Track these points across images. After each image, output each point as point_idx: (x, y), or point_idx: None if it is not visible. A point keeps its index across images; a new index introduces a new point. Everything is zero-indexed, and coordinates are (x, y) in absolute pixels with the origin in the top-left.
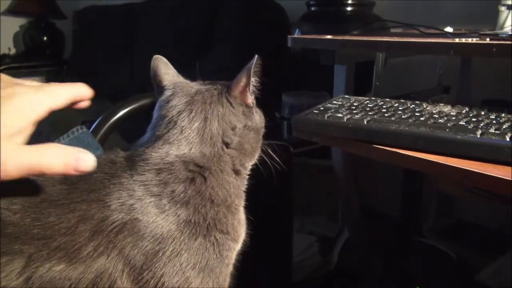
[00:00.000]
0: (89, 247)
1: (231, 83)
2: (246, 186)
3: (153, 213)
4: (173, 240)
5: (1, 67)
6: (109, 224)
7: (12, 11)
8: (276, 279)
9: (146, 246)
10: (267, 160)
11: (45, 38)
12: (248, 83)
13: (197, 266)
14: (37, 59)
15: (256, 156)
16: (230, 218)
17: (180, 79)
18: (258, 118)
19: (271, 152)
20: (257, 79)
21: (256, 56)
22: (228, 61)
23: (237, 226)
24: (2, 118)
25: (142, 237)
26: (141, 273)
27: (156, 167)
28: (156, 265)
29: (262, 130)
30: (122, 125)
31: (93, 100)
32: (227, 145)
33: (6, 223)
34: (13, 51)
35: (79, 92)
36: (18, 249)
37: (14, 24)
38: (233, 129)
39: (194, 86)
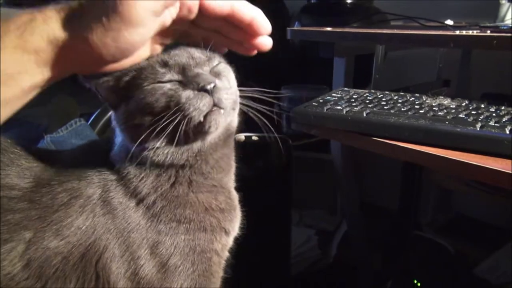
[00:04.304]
0: (80, 220)
1: None
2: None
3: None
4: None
5: None
6: (94, 199)
7: (13, 1)
8: (275, 272)
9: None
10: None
11: None
12: None
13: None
14: None
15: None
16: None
17: None
18: None
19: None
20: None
21: None
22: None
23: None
24: None
25: (114, 216)
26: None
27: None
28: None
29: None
30: None
31: (91, 93)
32: None
33: (6, 210)
34: None
35: None
36: (19, 234)
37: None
38: None
39: None
